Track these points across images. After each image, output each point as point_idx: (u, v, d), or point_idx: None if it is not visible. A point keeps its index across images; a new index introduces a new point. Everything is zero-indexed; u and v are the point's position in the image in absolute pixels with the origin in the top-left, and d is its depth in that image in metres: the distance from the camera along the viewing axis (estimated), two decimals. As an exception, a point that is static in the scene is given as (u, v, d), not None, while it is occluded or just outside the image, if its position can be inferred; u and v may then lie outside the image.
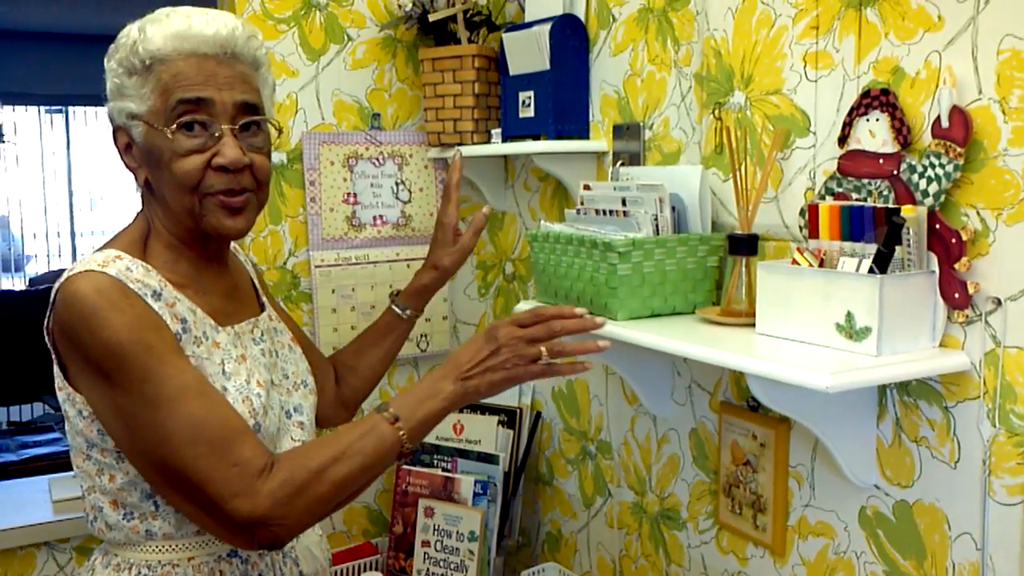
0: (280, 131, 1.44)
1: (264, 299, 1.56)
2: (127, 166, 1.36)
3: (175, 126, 1.28)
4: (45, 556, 2.10)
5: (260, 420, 1.33)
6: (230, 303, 1.43)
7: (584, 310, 1.40)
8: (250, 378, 1.35)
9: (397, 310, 1.80)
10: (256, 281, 1.58)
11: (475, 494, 2.18)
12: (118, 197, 7.65)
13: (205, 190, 1.31)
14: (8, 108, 7.11)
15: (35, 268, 7.99)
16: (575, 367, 1.38)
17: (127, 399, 1.23)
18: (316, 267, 2.24)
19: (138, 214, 1.40)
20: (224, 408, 1.25)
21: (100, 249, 1.33)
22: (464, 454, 2.24)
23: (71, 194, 7.93)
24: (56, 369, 1.31)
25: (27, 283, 7.32)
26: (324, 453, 1.25)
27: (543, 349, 1.34)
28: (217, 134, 1.30)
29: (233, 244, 1.51)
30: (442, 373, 1.34)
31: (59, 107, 7.68)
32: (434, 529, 2.20)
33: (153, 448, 1.23)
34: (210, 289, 1.40)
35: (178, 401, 1.21)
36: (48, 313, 1.28)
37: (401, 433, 1.28)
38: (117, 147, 1.36)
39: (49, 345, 1.30)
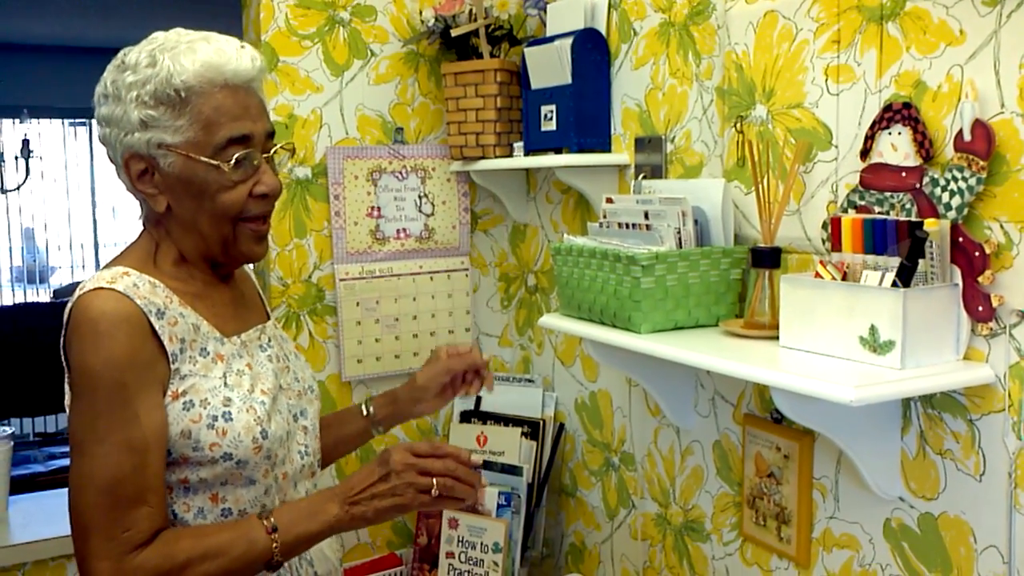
0: (293, 153, 1.47)
1: (269, 308, 1.58)
2: (139, 191, 1.34)
3: (232, 161, 1.30)
4: (75, 567, 2.12)
5: (266, 426, 1.35)
6: (238, 311, 1.46)
7: (480, 459, 1.41)
8: (254, 387, 1.38)
9: (362, 406, 1.70)
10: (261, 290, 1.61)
11: (499, 505, 2.19)
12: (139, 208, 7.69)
13: (242, 217, 1.35)
14: (33, 121, 7.19)
15: (59, 279, 8.07)
16: (461, 503, 1.38)
17: (79, 421, 1.26)
18: (341, 280, 2.27)
19: (142, 233, 1.42)
20: (147, 476, 1.26)
21: (108, 266, 1.35)
22: (488, 465, 2.25)
23: (94, 206, 8.00)
24: (67, 385, 1.33)
25: (52, 295, 7.39)
26: (195, 547, 1.26)
27: (435, 482, 1.34)
28: (256, 163, 1.34)
29: None
30: (331, 494, 1.35)
31: (82, 120, 7.76)
32: (458, 540, 2.21)
33: (79, 474, 1.26)
34: (218, 300, 1.42)
35: (116, 448, 1.23)
36: (63, 332, 1.30)
37: (274, 545, 1.29)
38: (128, 173, 1.33)
39: (64, 363, 1.32)
